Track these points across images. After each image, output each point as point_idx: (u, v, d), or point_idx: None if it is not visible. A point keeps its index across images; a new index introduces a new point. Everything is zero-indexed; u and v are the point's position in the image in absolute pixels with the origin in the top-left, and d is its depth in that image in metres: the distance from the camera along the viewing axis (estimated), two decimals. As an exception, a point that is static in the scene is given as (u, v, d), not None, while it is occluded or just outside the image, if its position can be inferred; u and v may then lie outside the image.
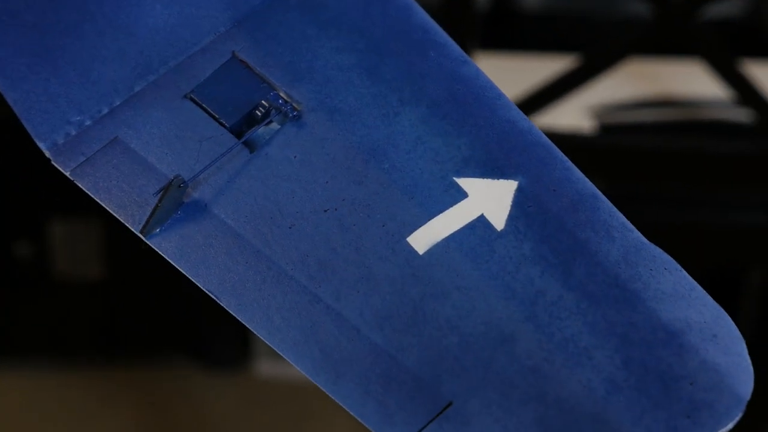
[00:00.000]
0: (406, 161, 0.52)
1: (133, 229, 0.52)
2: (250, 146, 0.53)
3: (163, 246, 0.52)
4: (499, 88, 0.55)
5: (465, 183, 0.52)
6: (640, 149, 1.12)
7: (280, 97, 0.54)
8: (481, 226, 0.51)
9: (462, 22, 1.08)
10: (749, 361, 0.48)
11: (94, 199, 0.53)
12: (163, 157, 0.53)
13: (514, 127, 0.53)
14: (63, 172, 0.53)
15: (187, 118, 0.54)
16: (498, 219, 0.51)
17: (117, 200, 0.53)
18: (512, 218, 0.51)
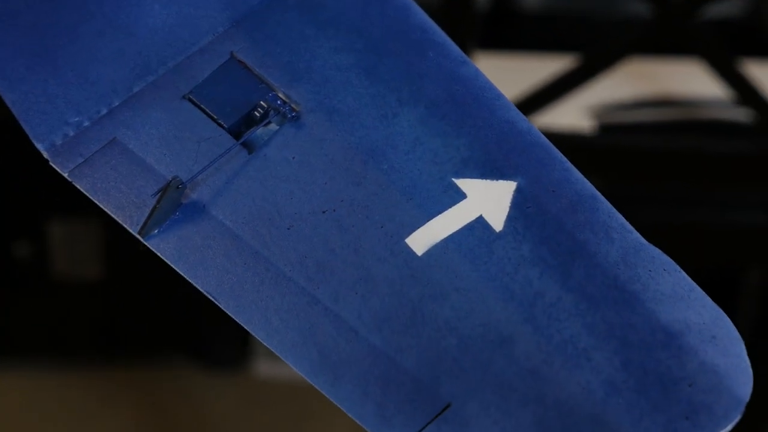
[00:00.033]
0: (405, 162, 0.52)
1: (131, 230, 0.52)
2: (248, 147, 0.53)
3: (161, 247, 0.52)
4: (499, 88, 0.54)
5: (464, 184, 0.52)
6: (639, 149, 1.12)
7: (279, 98, 0.54)
8: (480, 227, 0.51)
9: (461, 22, 1.08)
10: (748, 363, 0.48)
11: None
12: (162, 158, 0.53)
13: (513, 128, 0.53)
14: (61, 173, 0.53)
15: (186, 118, 0.54)
16: (497, 220, 0.51)
17: (115, 201, 0.52)
18: (511, 219, 0.51)
